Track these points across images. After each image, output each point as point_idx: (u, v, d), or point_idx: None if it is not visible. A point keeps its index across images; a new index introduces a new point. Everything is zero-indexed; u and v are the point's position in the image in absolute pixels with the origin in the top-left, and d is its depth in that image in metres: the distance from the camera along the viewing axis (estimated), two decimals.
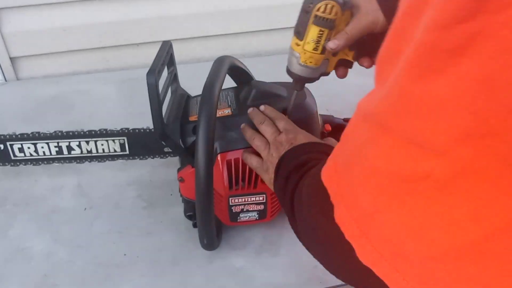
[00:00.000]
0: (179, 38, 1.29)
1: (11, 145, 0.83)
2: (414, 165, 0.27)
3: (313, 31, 0.59)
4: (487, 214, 0.25)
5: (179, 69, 0.80)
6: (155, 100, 0.64)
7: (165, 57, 0.70)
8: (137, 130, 0.83)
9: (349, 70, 0.67)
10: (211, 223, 0.68)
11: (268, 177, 0.64)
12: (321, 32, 0.59)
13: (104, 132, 0.83)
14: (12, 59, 1.25)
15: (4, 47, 1.21)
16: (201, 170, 0.61)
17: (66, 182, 0.90)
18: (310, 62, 0.62)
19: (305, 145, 0.60)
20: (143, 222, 0.82)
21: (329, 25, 0.58)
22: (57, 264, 0.75)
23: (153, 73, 0.63)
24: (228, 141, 0.69)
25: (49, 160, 0.86)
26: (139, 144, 0.84)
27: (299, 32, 0.60)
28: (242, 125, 0.70)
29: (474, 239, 0.26)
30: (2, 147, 0.83)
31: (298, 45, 0.61)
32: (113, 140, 0.83)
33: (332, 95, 1.03)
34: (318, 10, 0.57)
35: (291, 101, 0.70)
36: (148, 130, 0.83)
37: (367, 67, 0.65)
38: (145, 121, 0.79)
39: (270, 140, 0.65)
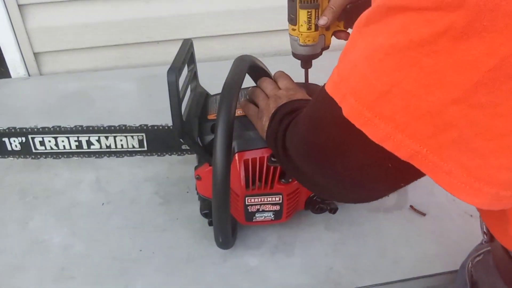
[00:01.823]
0: (199, 36, 1.29)
1: (33, 138, 0.85)
2: (432, 26, 0.30)
3: (302, 14, 0.67)
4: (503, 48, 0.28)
5: (198, 67, 0.81)
6: (175, 98, 0.65)
7: (186, 55, 0.71)
8: (155, 127, 0.84)
9: None
10: (227, 222, 0.68)
11: (261, 124, 0.65)
12: (309, 13, 0.67)
13: (123, 128, 0.84)
14: (35, 55, 1.27)
15: (28, 43, 1.24)
16: (218, 168, 0.61)
17: (85, 176, 0.92)
18: (309, 41, 0.70)
19: (302, 100, 0.62)
20: (159, 219, 0.82)
21: (314, 6, 0.66)
22: (74, 257, 0.76)
23: (173, 71, 0.64)
24: (246, 140, 0.69)
25: (69, 154, 0.87)
26: (158, 141, 0.85)
27: (292, 19, 0.68)
28: (250, 89, 0.73)
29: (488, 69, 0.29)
30: (24, 140, 0.85)
31: (294, 30, 0.69)
32: (132, 136, 0.84)
33: None
34: None
35: (304, 80, 0.76)
36: (166, 127, 0.83)
37: None
38: (164, 118, 0.79)
39: (270, 95, 0.67)
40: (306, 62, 0.74)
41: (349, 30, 0.72)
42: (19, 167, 0.93)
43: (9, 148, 0.86)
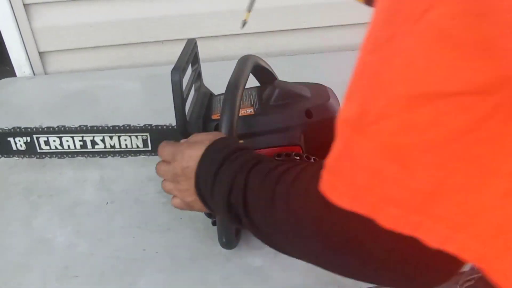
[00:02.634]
0: (203, 36, 1.29)
1: (37, 138, 0.85)
2: (473, 112, 0.26)
3: None
4: None
5: (202, 67, 0.81)
6: (179, 98, 0.65)
7: (190, 55, 0.71)
8: (160, 127, 0.84)
9: None
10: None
11: (198, 207, 0.59)
12: None
13: (128, 127, 0.84)
14: (40, 54, 1.27)
15: (33, 42, 1.24)
16: None
17: (89, 176, 0.92)
18: None
19: (204, 160, 0.54)
20: (163, 218, 0.82)
21: None
22: (78, 256, 0.76)
23: (177, 70, 0.64)
24: (250, 140, 0.69)
25: (73, 154, 0.87)
26: (162, 141, 0.85)
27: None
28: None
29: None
30: (28, 140, 0.85)
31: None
32: (136, 136, 0.84)
33: None
34: None
35: None
36: (170, 127, 0.83)
37: None
38: (168, 118, 0.79)
39: (170, 179, 0.61)
40: None
41: None
42: (24, 167, 0.93)
43: (14, 147, 0.86)
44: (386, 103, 0.30)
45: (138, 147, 0.86)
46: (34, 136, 0.85)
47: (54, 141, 0.85)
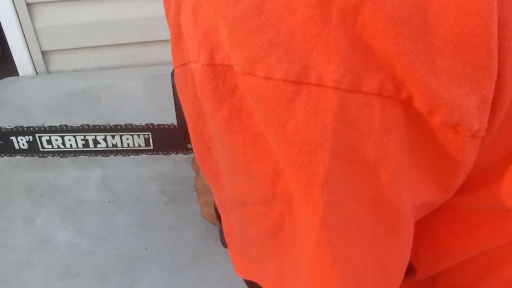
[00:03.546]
0: None
1: (40, 137, 0.85)
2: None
3: None
4: None
5: None
6: (179, 98, 0.65)
7: None
8: (161, 126, 0.84)
9: None
10: None
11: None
12: None
13: (130, 127, 0.84)
14: (43, 53, 1.27)
15: (36, 41, 1.24)
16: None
17: (91, 175, 0.92)
18: None
19: None
20: (165, 217, 0.83)
21: None
22: (80, 255, 0.76)
23: None
24: None
25: (75, 153, 0.87)
26: (163, 140, 0.85)
27: None
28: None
29: None
30: (31, 139, 0.86)
31: None
32: (138, 135, 0.84)
33: None
34: None
35: None
36: (172, 126, 0.83)
37: None
38: (170, 117, 0.79)
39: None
40: None
41: None
42: (26, 166, 0.94)
43: (16, 146, 0.87)
44: (228, 201, 0.34)
45: (140, 146, 0.86)
46: (37, 135, 0.85)
47: (56, 140, 0.86)
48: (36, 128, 0.85)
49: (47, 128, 0.85)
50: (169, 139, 0.84)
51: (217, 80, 0.25)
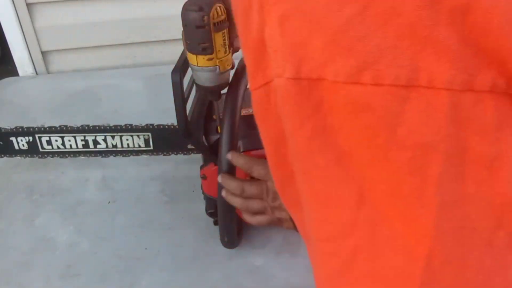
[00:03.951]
0: None
1: (40, 138, 0.85)
2: None
3: (218, 39, 0.57)
4: None
5: None
6: (179, 98, 0.65)
7: None
8: (161, 126, 0.84)
9: None
10: (232, 222, 0.68)
11: (287, 225, 0.64)
12: (223, 35, 0.57)
13: (129, 127, 0.84)
14: (43, 53, 1.28)
15: (36, 41, 1.24)
16: (224, 168, 0.61)
17: (91, 175, 0.92)
18: (228, 65, 0.61)
19: None
20: (165, 217, 0.83)
21: (226, 25, 0.57)
22: (80, 255, 0.76)
23: (178, 71, 0.64)
24: (252, 140, 0.69)
25: (75, 153, 0.87)
26: (163, 140, 0.85)
27: (206, 48, 0.57)
28: (223, 193, 0.64)
29: None
30: (31, 139, 0.86)
31: (211, 59, 0.58)
32: (138, 136, 0.85)
33: None
34: (213, 18, 0.55)
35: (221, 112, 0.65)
36: (172, 127, 0.83)
37: None
38: (170, 118, 0.79)
39: (264, 197, 0.63)
40: (220, 91, 0.63)
41: None
42: (26, 166, 0.94)
43: (16, 147, 0.87)
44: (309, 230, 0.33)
45: (140, 146, 0.86)
46: (36, 135, 0.85)
47: (56, 140, 0.86)
48: (36, 128, 0.85)
49: (47, 128, 0.85)
50: (169, 139, 0.84)
51: (301, 95, 0.25)
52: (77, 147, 0.86)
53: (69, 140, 0.85)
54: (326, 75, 0.24)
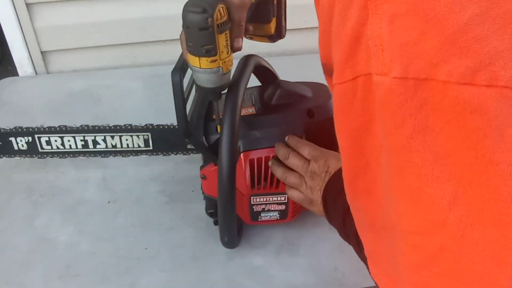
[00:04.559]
0: None
1: (39, 138, 0.85)
2: None
3: (221, 40, 0.56)
4: None
5: None
6: (179, 98, 0.65)
7: None
8: (161, 126, 0.84)
9: None
10: (232, 222, 0.68)
11: (317, 209, 0.65)
12: (226, 35, 0.57)
13: (129, 127, 0.84)
14: (43, 53, 1.27)
15: (35, 41, 1.24)
16: (224, 168, 0.61)
17: (91, 175, 0.92)
18: (230, 65, 0.60)
19: (338, 170, 0.60)
20: (165, 217, 0.83)
21: (228, 25, 0.57)
22: (80, 255, 0.76)
23: (178, 71, 0.64)
24: (252, 140, 0.69)
25: (75, 154, 0.87)
26: (163, 140, 0.85)
27: (209, 50, 0.56)
28: (270, 162, 0.69)
29: None
30: (30, 140, 0.86)
31: (214, 61, 0.57)
32: (138, 136, 0.84)
33: None
34: (217, 19, 0.54)
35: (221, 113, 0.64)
36: (172, 127, 0.83)
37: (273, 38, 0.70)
38: (169, 118, 0.79)
39: (302, 173, 0.65)
40: (221, 92, 0.63)
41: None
42: (26, 166, 0.94)
43: (15, 147, 0.87)
44: (381, 221, 0.33)
45: (139, 146, 0.86)
46: (36, 136, 0.85)
47: (55, 141, 0.86)
48: (36, 129, 0.85)
49: (46, 129, 0.85)
50: (169, 139, 0.84)
51: (406, 94, 0.25)
52: (77, 147, 0.86)
53: (69, 140, 0.85)
54: (437, 75, 0.24)
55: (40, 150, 0.87)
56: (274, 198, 0.72)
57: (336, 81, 0.30)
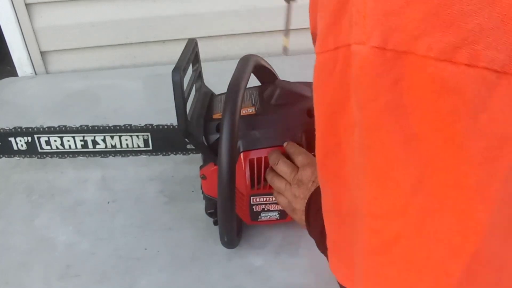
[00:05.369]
0: (204, 35, 1.29)
1: (38, 138, 0.85)
2: None
3: None
4: None
5: (204, 66, 0.81)
6: (180, 98, 0.65)
7: (190, 55, 0.71)
8: (160, 127, 0.84)
9: None
10: (232, 222, 0.68)
11: (298, 218, 0.64)
12: None
13: (129, 127, 0.84)
14: (42, 53, 1.27)
15: (35, 42, 1.24)
16: (223, 168, 0.61)
17: (90, 175, 0.92)
18: None
19: None
20: (164, 217, 0.82)
21: None
22: (80, 255, 0.76)
23: (178, 70, 0.64)
24: (251, 140, 0.69)
25: (74, 154, 0.87)
26: (163, 140, 0.85)
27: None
28: (267, 170, 0.69)
29: None
30: (29, 140, 0.86)
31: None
32: (137, 136, 0.84)
33: None
34: None
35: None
36: (171, 127, 0.83)
37: None
38: (169, 118, 0.79)
39: (290, 180, 0.64)
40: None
41: None
42: (25, 166, 0.93)
43: (15, 147, 0.87)
44: (347, 205, 0.32)
45: (139, 146, 0.86)
46: (35, 136, 0.85)
47: (55, 141, 0.86)
48: (35, 129, 0.85)
49: (46, 129, 0.85)
50: (169, 139, 0.84)
51: (383, 66, 0.24)
52: (76, 147, 0.86)
53: (68, 141, 0.85)
54: (417, 49, 0.23)
55: (39, 150, 0.87)
56: (274, 198, 0.72)
57: (318, 50, 0.28)
